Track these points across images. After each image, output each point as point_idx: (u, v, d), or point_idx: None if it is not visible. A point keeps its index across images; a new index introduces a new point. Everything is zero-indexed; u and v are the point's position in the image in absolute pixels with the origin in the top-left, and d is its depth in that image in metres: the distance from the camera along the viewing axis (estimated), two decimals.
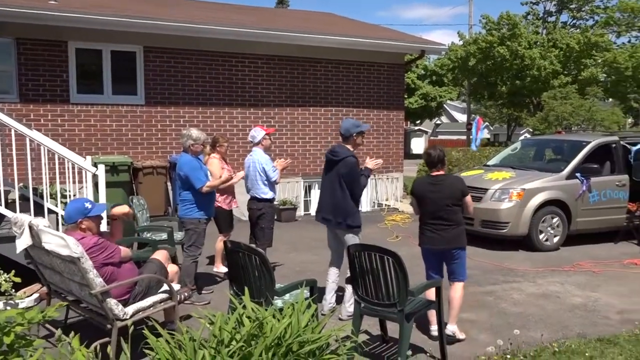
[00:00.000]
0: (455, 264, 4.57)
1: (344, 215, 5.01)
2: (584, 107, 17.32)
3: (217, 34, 10.17)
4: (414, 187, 4.77)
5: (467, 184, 8.64)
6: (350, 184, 4.99)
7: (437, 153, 4.58)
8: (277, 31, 10.72)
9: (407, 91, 34.92)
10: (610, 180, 8.64)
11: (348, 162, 4.96)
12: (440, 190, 4.50)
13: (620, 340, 4.39)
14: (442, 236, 4.49)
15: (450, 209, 4.47)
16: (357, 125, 5.13)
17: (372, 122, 12.09)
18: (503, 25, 26.62)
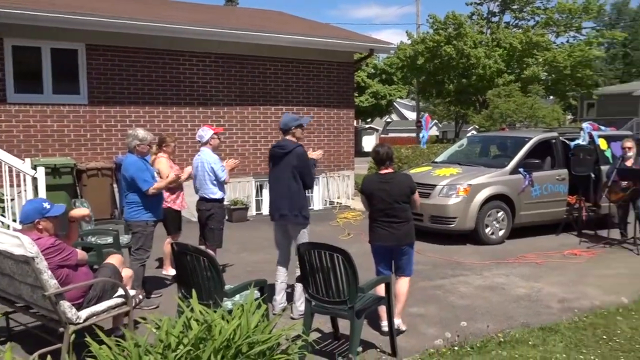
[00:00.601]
0: (403, 260, 4.64)
1: (300, 208, 5.04)
2: (527, 105, 17.98)
3: (164, 32, 9.94)
4: (363, 184, 4.82)
5: (416, 181, 8.80)
6: (303, 174, 5.01)
7: (385, 151, 4.63)
8: (226, 29, 10.58)
9: (357, 90, 35.22)
10: (551, 175, 8.99)
11: (299, 152, 4.99)
12: (389, 187, 4.55)
13: (561, 328, 4.57)
14: (392, 233, 4.54)
15: (399, 206, 4.53)
16: (296, 119, 5.16)
17: (323, 120, 12.14)
18: (449, 25, 27.23)
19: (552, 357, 3.97)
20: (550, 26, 28.44)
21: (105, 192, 9.22)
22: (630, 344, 4.24)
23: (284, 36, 11.08)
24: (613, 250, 7.95)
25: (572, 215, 9.15)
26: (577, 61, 25.73)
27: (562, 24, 28.48)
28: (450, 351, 4.09)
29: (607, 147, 9.50)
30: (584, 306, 5.32)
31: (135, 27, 9.68)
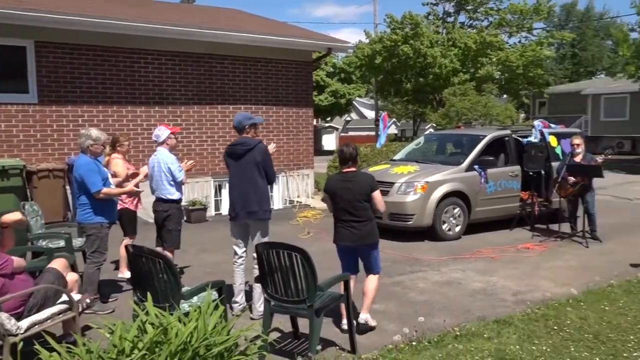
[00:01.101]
0: (369, 258, 4.70)
1: (267, 204, 5.04)
2: (481, 103, 18.40)
3: (115, 29, 9.71)
4: (327, 184, 4.84)
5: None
6: (268, 168, 5.01)
7: (348, 150, 4.65)
8: (182, 27, 10.42)
9: (316, 88, 35.25)
10: (504, 171, 9.23)
11: (261, 147, 5.01)
12: (351, 186, 4.57)
13: (514, 320, 4.70)
14: (355, 233, 4.56)
15: (360, 204, 4.55)
16: (250, 117, 5.14)
17: (282, 119, 12.11)
18: (406, 24, 27.56)
19: (506, 348, 4.08)
20: (503, 27, 29.15)
21: (57, 194, 8.94)
22: (579, 333, 4.40)
23: (241, 34, 10.99)
24: (564, 244, 8.23)
25: (525, 211, 9.42)
26: (528, 61, 26.47)
27: (514, 24, 29.24)
28: (409, 346, 4.14)
29: (557, 144, 9.82)
30: (536, 298, 5.49)
31: (85, 24, 9.41)
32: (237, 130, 5.13)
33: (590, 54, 51.09)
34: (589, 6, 53.78)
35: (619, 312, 4.89)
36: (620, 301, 5.20)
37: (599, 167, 8.30)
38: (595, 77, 46.08)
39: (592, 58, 50.99)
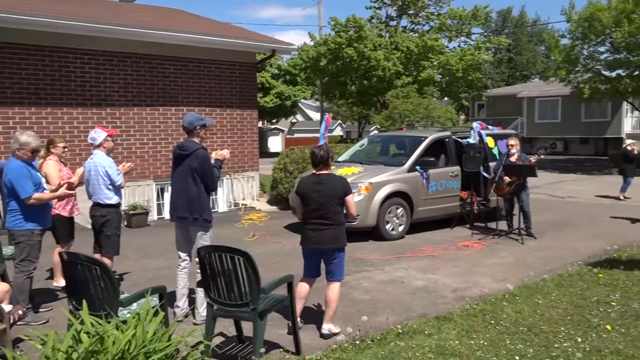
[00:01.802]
0: (333, 263, 4.62)
1: (200, 211, 4.90)
2: (423, 105, 18.87)
3: (49, 27, 9.30)
4: (298, 185, 4.79)
5: None
6: (204, 176, 4.89)
7: (321, 152, 4.59)
8: (120, 26, 10.12)
9: (261, 90, 35.08)
10: (445, 172, 9.49)
11: (199, 154, 4.86)
12: (323, 188, 4.53)
13: (454, 316, 4.84)
14: (322, 235, 4.52)
15: (332, 208, 4.52)
16: (200, 118, 5.06)
17: (226, 121, 11.97)
18: (350, 27, 27.88)
19: (446, 344, 4.20)
20: (443, 31, 29.99)
21: None
22: (514, 326, 4.58)
23: (183, 35, 10.79)
24: (501, 241, 8.54)
25: (464, 210, 9.73)
26: (467, 64, 27.36)
27: (454, 29, 30.13)
28: (352, 346, 4.19)
29: (495, 145, 10.20)
30: (475, 294, 5.67)
31: (16, 22, 8.97)
32: (187, 132, 5.02)
33: (525, 58, 53.39)
34: (523, 13, 56.15)
35: (551, 305, 5.12)
36: (553, 294, 5.45)
37: (532, 167, 8.67)
38: (530, 80, 48.14)
39: (527, 62, 53.31)
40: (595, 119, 29.17)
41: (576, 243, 8.22)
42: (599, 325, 4.59)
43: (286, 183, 11.50)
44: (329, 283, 4.63)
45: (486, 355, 3.97)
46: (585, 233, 9.09)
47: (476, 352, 4.03)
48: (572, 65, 22.22)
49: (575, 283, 5.84)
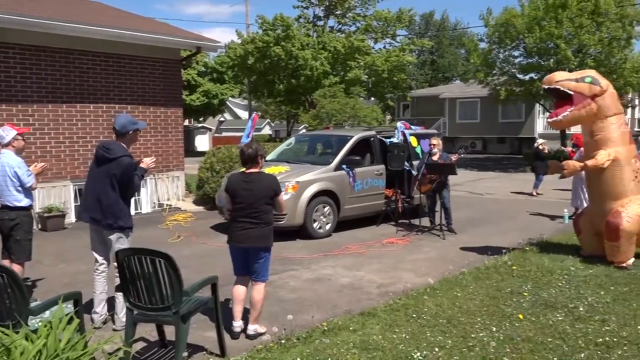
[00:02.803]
0: (259, 263, 4.57)
1: (116, 217, 4.69)
2: (349, 105, 19.20)
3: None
4: (228, 183, 4.71)
5: None
6: (124, 184, 4.69)
7: (249, 151, 4.53)
8: (34, 18, 9.52)
9: (188, 88, 34.28)
10: (370, 170, 9.69)
11: (122, 162, 4.65)
12: (253, 187, 4.48)
13: (378, 312, 4.95)
14: (249, 234, 4.47)
15: (261, 207, 4.47)
16: (134, 122, 4.85)
17: (149, 119, 11.58)
18: (278, 26, 27.85)
19: (370, 339, 4.28)
20: (369, 32, 30.59)
21: None
22: (435, 319, 4.75)
23: (101, 29, 10.32)
24: (424, 237, 8.83)
25: (389, 207, 9.98)
26: (393, 66, 28.08)
27: (379, 30, 30.82)
28: (278, 345, 4.18)
29: (418, 144, 10.54)
30: (399, 289, 5.82)
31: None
32: (118, 135, 4.79)
33: (446, 61, 55.54)
34: (444, 17, 58.36)
35: (469, 297, 5.35)
36: (470, 287, 5.69)
37: (453, 166, 9.03)
38: (451, 82, 50.11)
39: (449, 65, 55.48)
40: (511, 120, 30.83)
41: (493, 237, 8.64)
42: (512, 314, 4.85)
43: (213, 183, 11.31)
44: (254, 284, 4.60)
45: (407, 349, 4.09)
46: (501, 228, 9.59)
47: (398, 346, 4.14)
48: (489, 68, 23.38)
49: (491, 275, 6.13)
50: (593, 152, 6.61)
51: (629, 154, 6.60)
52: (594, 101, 6.50)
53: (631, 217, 6.34)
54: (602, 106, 6.53)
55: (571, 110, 6.53)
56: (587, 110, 6.51)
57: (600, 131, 6.59)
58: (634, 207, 6.41)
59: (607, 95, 6.56)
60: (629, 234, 6.34)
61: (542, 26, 20.71)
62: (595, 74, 6.80)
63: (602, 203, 6.68)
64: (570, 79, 6.62)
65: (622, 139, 6.60)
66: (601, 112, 6.54)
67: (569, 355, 3.99)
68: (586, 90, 6.50)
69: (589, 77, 6.59)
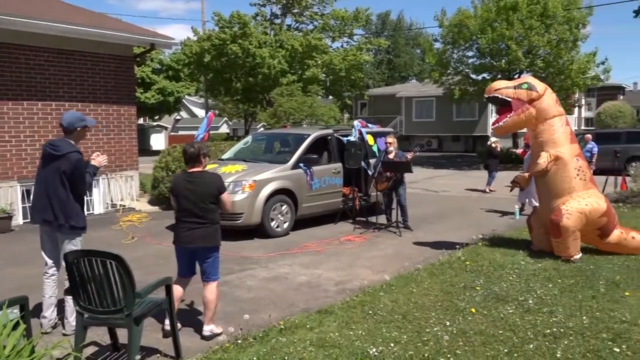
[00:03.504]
0: (207, 263, 4.51)
1: (67, 217, 4.54)
2: (307, 104, 19.22)
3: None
4: (172, 184, 4.64)
5: None
6: (74, 182, 4.54)
7: (191, 150, 4.46)
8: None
9: (142, 85, 33.56)
10: (328, 169, 9.73)
11: (71, 158, 4.50)
12: (196, 187, 4.41)
13: (335, 309, 4.98)
14: (194, 234, 4.40)
15: (205, 206, 4.40)
16: (82, 119, 4.71)
17: (101, 117, 11.27)
18: (234, 24, 27.60)
19: (326, 336, 4.30)
20: (326, 31, 30.70)
21: None
22: (390, 315, 4.81)
23: (50, 24, 9.97)
24: (381, 234, 8.94)
25: (347, 205, 10.04)
26: (350, 64, 28.28)
27: (337, 29, 30.97)
28: (234, 345, 4.15)
29: (374, 142, 10.64)
30: (355, 286, 5.87)
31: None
32: (65, 132, 4.62)
33: (403, 60, 56.31)
34: (400, 17, 59.16)
35: (424, 293, 5.45)
36: (425, 283, 5.80)
37: (408, 164, 9.17)
38: (408, 81, 50.88)
39: (405, 64, 56.28)
40: (465, 119, 31.56)
41: (448, 234, 8.82)
42: (465, 309, 4.96)
43: (168, 182, 11.08)
44: (205, 284, 4.54)
45: (364, 345, 4.13)
46: (455, 224, 9.80)
47: (355, 343, 4.18)
48: (444, 68, 23.84)
49: (446, 271, 6.26)
50: (538, 153, 6.91)
51: (571, 153, 6.84)
52: (532, 106, 6.76)
53: (571, 214, 6.58)
54: (540, 110, 6.80)
55: (510, 116, 6.80)
56: (526, 114, 6.78)
57: (542, 133, 6.88)
58: (574, 204, 6.65)
59: (544, 99, 6.83)
60: (570, 230, 6.58)
61: (494, 27, 21.27)
62: (532, 80, 7.06)
63: (548, 201, 6.94)
64: (508, 87, 6.88)
65: (564, 138, 6.86)
66: (541, 116, 6.82)
67: (519, 346, 4.12)
68: (523, 96, 6.77)
69: (525, 84, 6.85)
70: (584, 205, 6.64)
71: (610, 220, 6.83)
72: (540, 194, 7.31)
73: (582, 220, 6.63)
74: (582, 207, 6.63)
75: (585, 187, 6.83)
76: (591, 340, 4.21)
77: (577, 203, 6.66)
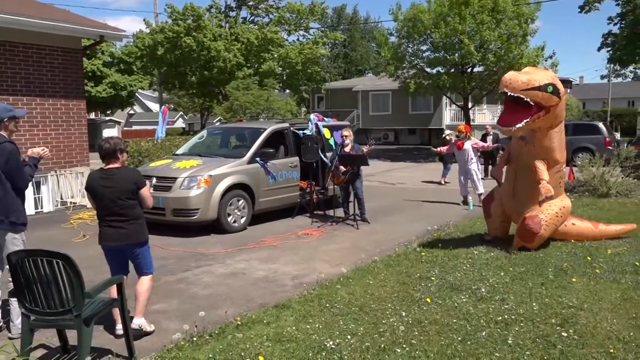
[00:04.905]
0: (138, 259, 4.42)
1: (6, 212, 4.34)
2: (263, 97, 19.10)
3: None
4: (87, 181, 4.46)
5: (156, 174, 8.40)
6: (11, 173, 4.33)
7: (106, 145, 4.31)
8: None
9: (92, 79, 32.56)
10: (284, 163, 9.68)
11: (4, 149, 4.28)
12: (112, 183, 4.27)
13: (292, 303, 4.96)
14: (119, 232, 4.27)
15: (124, 203, 4.27)
16: (9, 109, 4.49)
17: (49, 112, 10.86)
18: (188, 16, 27.11)
19: (284, 331, 4.29)
20: (282, 24, 30.56)
21: None
22: (347, 307, 4.84)
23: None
24: (338, 227, 8.97)
25: (304, 199, 10.03)
26: (306, 58, 28.25)
27: (293, 23, 30.87)
28: (189, 343, 4.08)
29: (331, 135, 10.65)
30: (313, 280, 5.86)
31: None
32: None
33: (359, 54, 56.63)
34: (355, 11, 59.44)
35: (380, 285, 5.50)
36: (382, 274, 5.85)
37: (364, 157, 9.22)
38: (364, 75, 51.22)
39: (361, 58, 56.61)
40: (421, 112, 32.01)
41: (404, 225, 8.94)
42: (420, 299, 5.04)
43: None
44: (140, 278, 4.46)
45: (321, 338, 4.14)
46: (411, 216, 9.94)
47: (312, 336, 4.18)
48: (399, 61, 24.09)
49: (402, 262, 6.34)
50: (529, 157, 6.61)
51: (562, 160, 6.78)
52: (549, 112, 6.25)
53: (548, 225, 6.64)
54: (554, 116, 6.36)
55: (527, 121, 6.16)
56: (542, 120, 6.28)
57: (544, 138, 6.50)
58: (552, 215, 6.67)
59: (560, 104, 6.38)
60: (543, 239, 6.75)
61: (447, 22, 21.64)
62: (556, 80, 6.32)
63: (525, 202, 6.81)
64: (534, 87, 6.08)
65: (560, 146, 6.68)
66: (552, 121, 6.42)
67: (472, 334, 4.22)
68: (547, 101, 6.18)
69: (551, 86, 6.17)
70: (560, 215, 6.78)
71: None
72: (516, 191, 7.00)
73: (554, 228, 6.78)
74: (558, 218, 6.75)
75: (561, 192, 6.97)
76: (541, 326, 4.35)
77: (554, 214, 6.70)
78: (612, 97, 46.33)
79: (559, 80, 6.44)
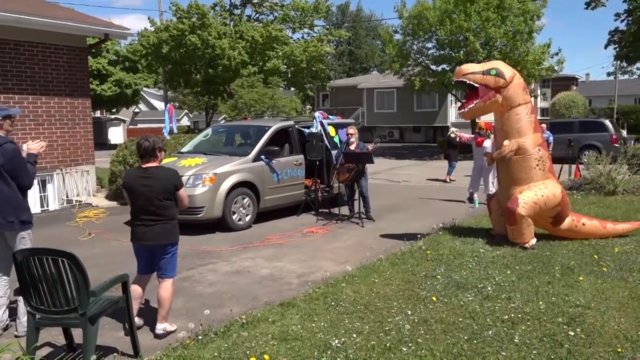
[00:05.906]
0: (165, 259, 4.41)
1: (16, 212, 4.35)
2: (268, 95, 19.07)
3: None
4: (124, 178, 4.47)
5: None
6: (16, 173, 4.33)
7: (145, 144, 4.30)
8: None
9: (97, 77, 32.65)
10: (289, 161, 9.67)
11: (6, 149, 4.27)
12: (151, 183, 4.26)
13: (297, 302, 4.95)
14: (153, 232, 4.28)
15: (161, 203, 4.27)
16: (3, 108, 4.49)
17: (54, 110, 10.89)
18: (193, 14, 27.11)
19: (289, 329, 4.27)
20: (287, 22, 30.51)
21: None
22: (353, 306, 4.82)
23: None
24: (343, 225, 8.95)
25: (309, 197, 10.02)
26: (311, 56, 28.20)
27: (297, 20, 30.81)
28: (195, 341, 4.08)
29: (335, 133, 10.63)
30: (318, 278, 5.86)
31: None
32: None
33: (364, 51, 56.45)
34: (359, 8, 59.26)
35: (386, 283, 5.48)
36: (387, 273, 5.83)
37: (370, 155, 9.19)
38: (369, 73, 51.08)
39: (366, 56, 56.44)
40: (426, 109, 31.94)
41: (409, 223, 8.91)
42: (426, 297, 5.01)
43: None
44: (161, 281, 4.44)
45: (326, 337, 4.12)
46: (417, 214, 9.91)
47: (317, 335, 4.16)
48: (404, 59, 24.01)
49: (407, 260, 6.32)
50: (502, 140, 6.97)
51: (533, 143, 6.90)
52: (498, 93, 6.69)
53: (526, 203, 6.73)
54: (506, 97, 6.72)
55: (476, 102, 6.77)
56: (492, 101, 6.73)
57: (507, 121, 6.88)
58: (530, 194, 6.80)
59: (512, 86, 6.76)
60: (524, 218, 6.75)
61: (453, 19, 21.54)
62: (502, 65, 6.92)
63: (507, 188, 7.08)
64: (476, 72, 6.76)
65: (528, 128, 6.88)
66: (507, 103, 6.78)
67: (478, 332, 4.19)
68: (491, 82, 6.68)
69: (494, 70, 6.73)
70: (540, 195, 6.79)
71: (563, 209, 7.02)
72: (500, 180, 7.43)
73: (537, 210, 6.79)
74: (538, 198, 6.78)
75: (544, 177, 6.97)
76: (547, 325, 4.32)
77: (533, 194, 6.79)
78: (619, 94, 46.02)
79: (509, 67, 6.98)
